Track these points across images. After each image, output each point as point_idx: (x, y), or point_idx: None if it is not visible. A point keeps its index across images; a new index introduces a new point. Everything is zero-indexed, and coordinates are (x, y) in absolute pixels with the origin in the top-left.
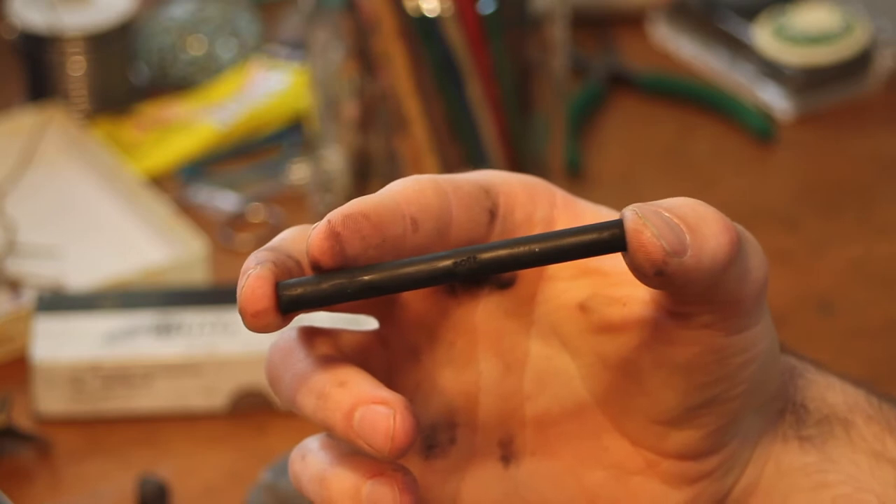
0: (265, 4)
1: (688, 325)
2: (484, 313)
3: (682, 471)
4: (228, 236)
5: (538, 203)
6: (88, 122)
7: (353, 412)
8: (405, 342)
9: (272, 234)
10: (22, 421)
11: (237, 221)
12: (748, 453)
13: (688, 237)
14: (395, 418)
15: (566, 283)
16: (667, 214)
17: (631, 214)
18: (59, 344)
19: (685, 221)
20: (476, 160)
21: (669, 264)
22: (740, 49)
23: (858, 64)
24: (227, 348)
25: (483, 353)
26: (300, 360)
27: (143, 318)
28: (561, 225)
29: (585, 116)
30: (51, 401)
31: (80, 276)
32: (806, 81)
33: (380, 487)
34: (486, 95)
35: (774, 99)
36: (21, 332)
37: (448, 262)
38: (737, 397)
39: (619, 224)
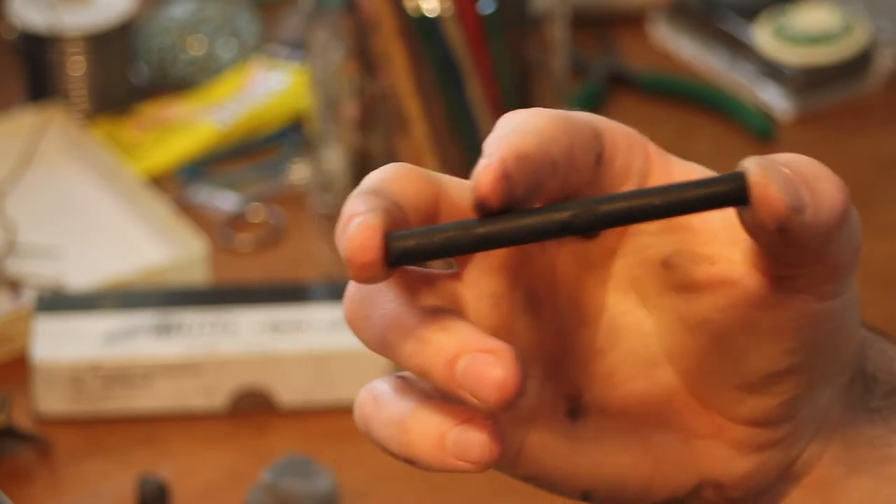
0: (265, 4)
1: (782, 287)
2: (565, 262)
3: (751, 437)
4: (228, 236)
5: (636, 153)
6: (88, 122)
7: (456, 360)
8: (485, 287)
9: (272, 234)
10: (22, 421)
11: (237, 221)
12: (817, 423)
13: (807, 194)
14: (505, 368)
15: (651, 237)
16: (786, 170)
17: (755, 167)
18: (59, 344)
19: (804, 178)
20: (476, 160)
21: (792, 220)
22: (740, 49)
23: (858, 64)
24: (227, 348)
25: (559, 303)
26: (391, 300)
27: (143, 318)
28: (655, 178)
29: None
30: (51, 401)
31: (80, 276)
32: (806, 81)
33: (470, 434)
34: (486, 95)
35: (774, 99)
36: (21, 332)
37: (565, 215)
38: (820, 366)
39: (740, 177)
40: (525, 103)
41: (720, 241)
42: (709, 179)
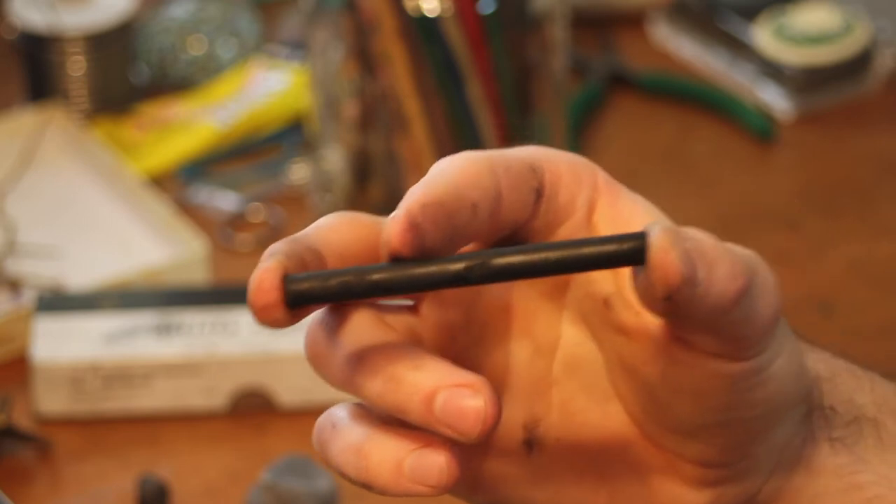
0: (265, 4)
1: (691, 350)
2: (519, 293)
3: (702, 475)
4: (228, 236)
5: (582, 184)
6: (88, 122)
7: (433, 396)
8: (441, 319)
9: (272, 233)
10: (22, 421)
11: (237, 221)
12: (774, 457)
13: (703, 272)
14: (484, 400)
15: (598, 273)
16: (689, 244)
17: (660, 231)
18: (59, 344)
19: (704, 256)
20: None
21: (682, 292)
22: (740, 49)
23: (858, 64)
24: (227, 348)
25: (515, 334)
26: (354, 339)
27: (143, 318)
28: (601, 210)
29: (585, 116)
30: (51, 401)
31: (80, 276)
32: (806, 81)
33: (427, 458)
34: (486, 95)
35: (774, 99)
36: (21, 332)
37: (460, 266)
38: (753, 418)
39: (641, 237)
40: (525, 103)
41: None
42: (609, 237)
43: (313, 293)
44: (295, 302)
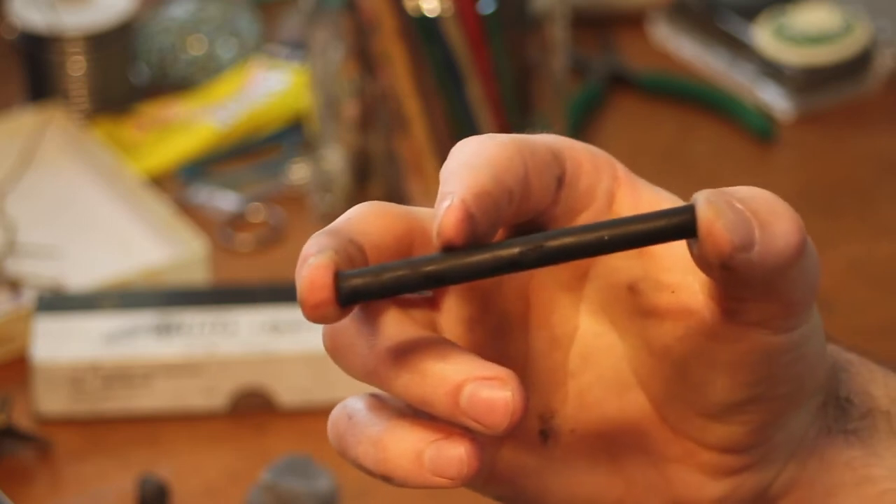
0: (265, 4)
1: (737, 320)
2: (537, 284)
3: (722, 463)
4: (228, 236)
5: (602, 174)
6: (88, 122)
7: (460, 389)
8: (460, 311)
9: (272, 233)
10: (22, 421)
11: (237, 221)
12: (791, 447)
13: (757, 233)
14: (512, 393)
15: (619, 261)
16: (739, 206)
17: (704, 202)
18: (59, 344)
19: (757, 216)
20: None
21: (735, 259)
22: (740, 49)
23: (858, 64)
24: (227, 348)
25: (532, 326)
26: (378, 330)
27: (143, 318)
28: (621, 200)
29: (585, 116)
30: (51, 401)
31: (80, 276)
32: (806, 81)
33: (448, 450)
34: (486, 95)
35: (774, 99)
36: (21, 332)
37: (514, 251)
38: (782, 396)
39: (689, 210)
40: (525, 103)
41: (681, 269)
42: (657, 213)
43: (366, 289)
44: (348, 299)
